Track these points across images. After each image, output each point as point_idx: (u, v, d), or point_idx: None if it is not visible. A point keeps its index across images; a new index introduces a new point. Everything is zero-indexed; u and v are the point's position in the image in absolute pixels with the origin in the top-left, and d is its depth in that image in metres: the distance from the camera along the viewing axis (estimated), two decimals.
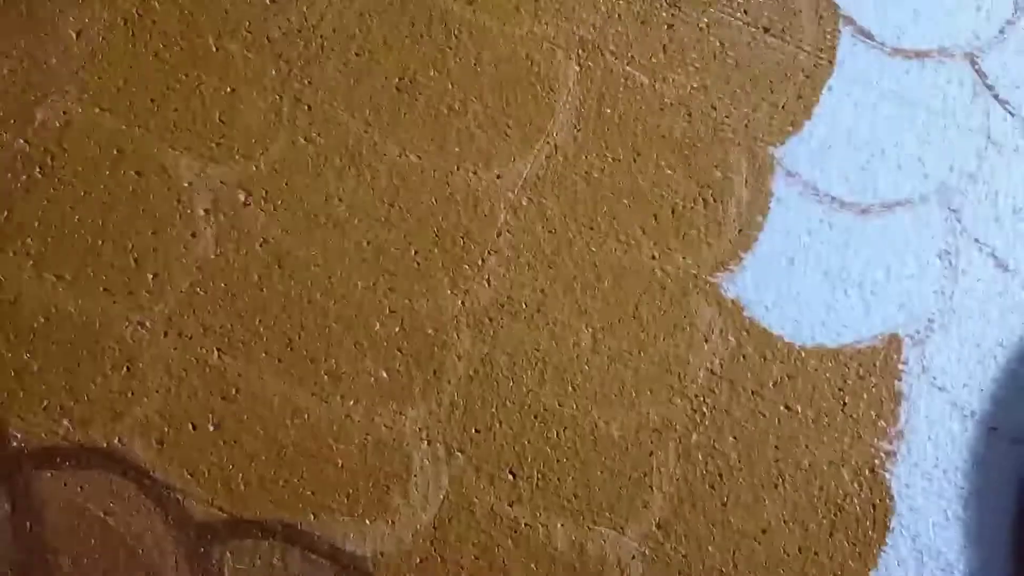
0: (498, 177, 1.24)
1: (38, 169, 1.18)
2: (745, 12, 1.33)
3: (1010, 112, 1.36)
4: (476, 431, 1.18)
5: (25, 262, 1.15)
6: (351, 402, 1.17)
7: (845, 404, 1.24)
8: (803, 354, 1.25)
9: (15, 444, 1.12)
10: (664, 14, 1.32)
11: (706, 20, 1.32)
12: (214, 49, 1.24)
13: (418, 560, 1.15)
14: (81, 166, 1.19)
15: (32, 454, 1.12)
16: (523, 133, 1.26)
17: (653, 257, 1.24)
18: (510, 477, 1.17)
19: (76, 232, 1.17)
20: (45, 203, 1.17)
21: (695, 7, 1.32)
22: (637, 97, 1.29)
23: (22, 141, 1.18)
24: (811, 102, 1.33)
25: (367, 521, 1.15)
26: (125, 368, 1.15)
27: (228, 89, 1.23)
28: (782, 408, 1.23)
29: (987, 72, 1.36)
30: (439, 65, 1.26)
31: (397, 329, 1.19)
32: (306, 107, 1.23)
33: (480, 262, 1.22)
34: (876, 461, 1.23)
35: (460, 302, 1.21)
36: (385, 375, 1.18)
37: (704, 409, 1.22)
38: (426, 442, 1.17)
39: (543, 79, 1.27)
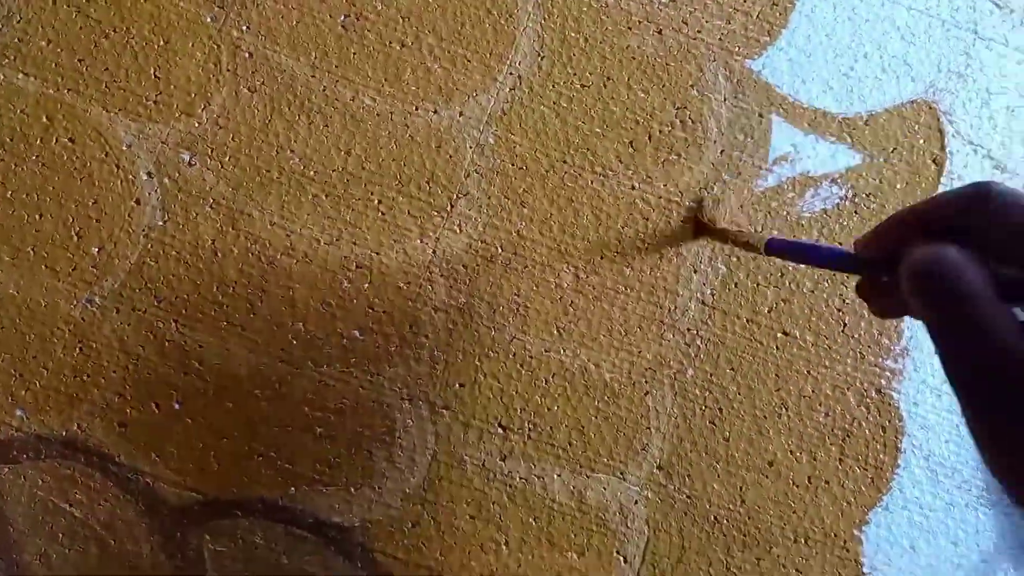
0: (460, 114, 1.13)
1: None
2: None
3: (997, 5, 1.25)
4: (460, 385, 1.08)
5: None
6: (323, 366, 1.07)
7: (845, 325, 1.15)
8: (798, 276, 1.15)
9: None
10: None
11: None
12: (143, 0, 1.11)
13: (409, 525, 1.06)
14: (8, 137, 1.07)
15: None
16: (483, 65, 1.14)
17: (632, 187, 1.14)
18: (500, 430, 1.08)
19: (9, 210, 1.06)
20: None
21: None
22: (603, 17, 1.17)
23: None
24: (787, 8, 1.21)
25: (351, 489, 1.06)
26: (78, 349, 1.04)
27: (161, 41, 1.11)
28: (779, 334, 1.14)
29: None
30: None
31: (366, 285, 1.09)
32: (247, 54, 1.11)
33: (449, 207, 1.11)
34: (882, 381, 1.14)
35: (431, 251, 1.10)
36: (358, 334, 1.08)
37: (698, 343, 1.12)
38: (407, 401, 1.08)
39: (500, 5, 1.15)
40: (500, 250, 1.11)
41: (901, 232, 0.61)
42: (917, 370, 1.15)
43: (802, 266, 1.15)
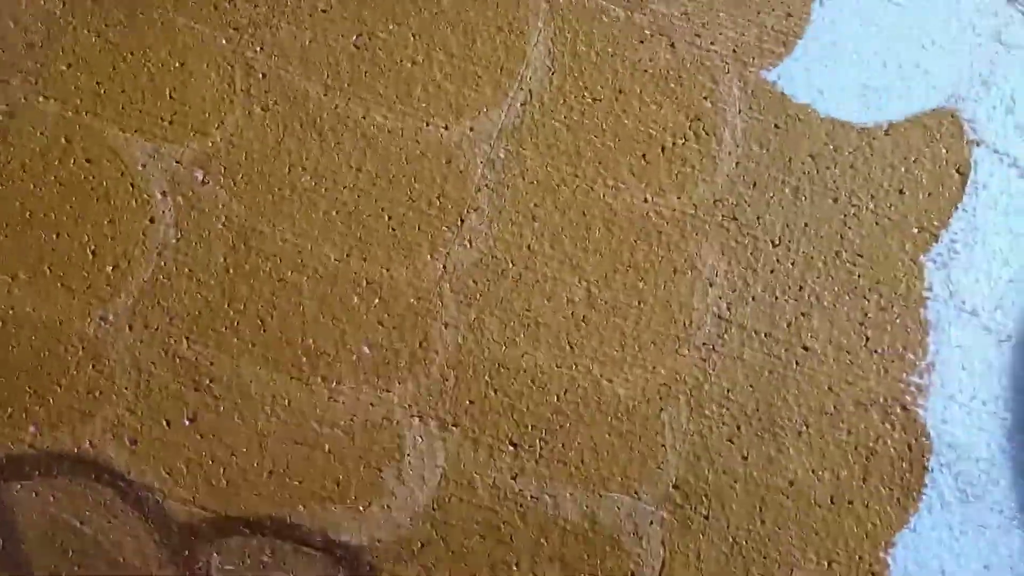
0: (471, 130, 1.09)
1: None
2: None
3: (1022, 12, 1.18)
4: (470, 402, 1.04)
5: None
6: (333, 383, 1.03)
7: (868, 339, 1.08)
8: (817, 288, 1.08)
9: None
10: None
11: None
12: (159, 23, 1.10)
13: (419, 545, 1.01)
14: (28, 158, 1.06)
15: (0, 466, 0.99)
16: (493, 80, 1.11)
17: (645, 200, 1.09)
18: (511, 448, 1.03)
19: (28, 228, 1.04)
20: None
21: None
22: (614, 31, 1.13)
23: None
24: (803, 18, 1.16)
25: (360, 508, 1.01)
26: (91, 366, 1.02)
27: (177, 63, 1.09)
28: (799, 349, 1.07)
29: None
30: (397, 16, 1.11)
31: (376, 301, 1.05)
32: (260, 75, 1.09)
33: (459, 222, 1.07)
34: (907, 397, 1.07)
35: (441, 266, 1.06)
36: (368, 351, 1.04)
37: (714, 358, 1.06)
38: (417, 418, 1.03)
39: (510, 20, 1.12)
40: (511, 265, 1.06)
41: None
42: (944, 385, 1.07)
43: (821, 278, 1.08)
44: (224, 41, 1.09)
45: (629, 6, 1.13)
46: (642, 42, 1.12)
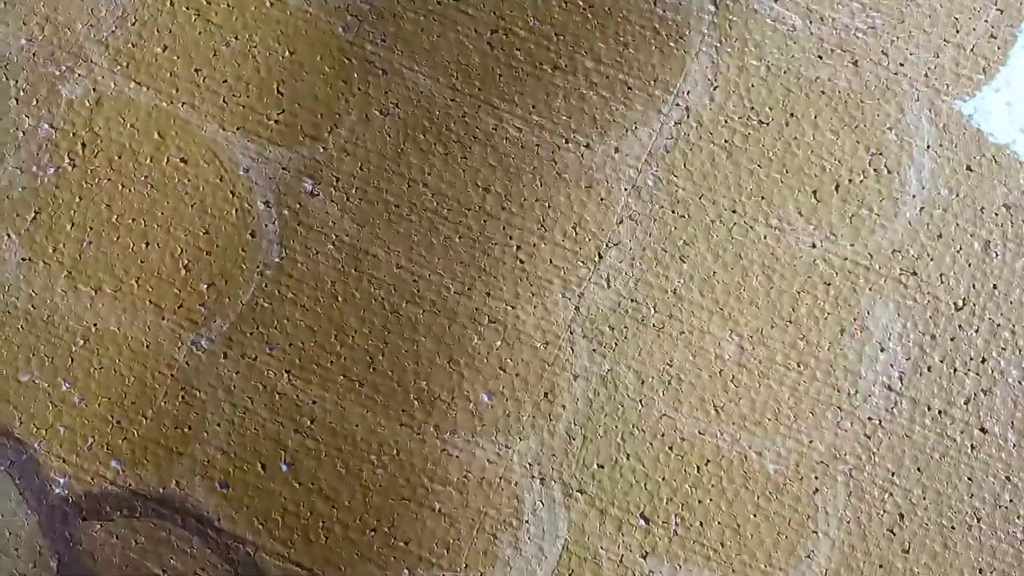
0: (616, 150, 0.93)
1: (67, 159, 0.91)
2: None
3: None
4: (599, 466, 0.90)
5: (58, 273, 0.89)
6: (448, 433, 0.89)
7: None
8: (1001, 363, 0.92)
9: (58, 491, 0.88)
10: None
11: None
12: (268, 4, 0.94)
13: None
14: (117, 153, 0.91)
15: (78, 502, 0.87)
16: (646, 93, 0.94)
17: (813, 245, 0.92)
18: (642, 522, 0.89)
19: (115, 234, 0.90)
20: (78, 200, 0.90)
21: None
22: (789, 43, 0.95)
23: (47, 126, 0.91)
24: (1007, 41, 0.97)
25: None
26: (180, 398, 0.89)
27: (287, 52, 0.93)
28: (976, 431, 0.91)
29: None
30: (539, 11, 0.94)
31: (499, 343, 0.90)
32: (380, 72, 0.93)
33: (597, 258, 0.92)
34: None
35: (574, 308, 0.91)
36: (487, 400, 0.90)
37: (880, 434, 0.91)
38: (538, 480, 0.89)
39: (670, 24, 0.94)
40: (653, 311, 0.91)
41: None
42: None
43: (1007, 350, 0.92)
44: (341, 30, 0.93)
45: (808, 15, 0.95)
46: (820, 58, 0.95)
